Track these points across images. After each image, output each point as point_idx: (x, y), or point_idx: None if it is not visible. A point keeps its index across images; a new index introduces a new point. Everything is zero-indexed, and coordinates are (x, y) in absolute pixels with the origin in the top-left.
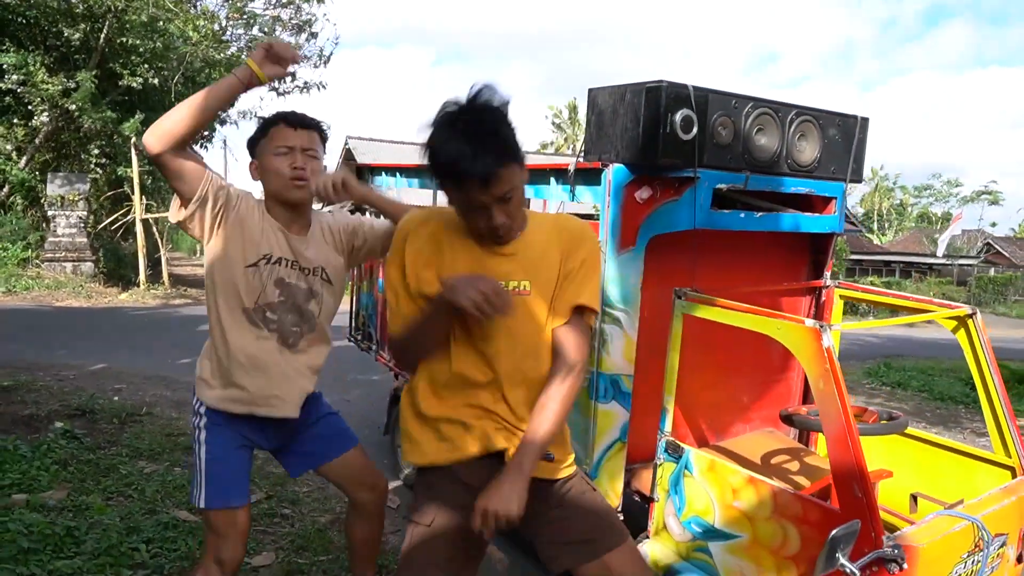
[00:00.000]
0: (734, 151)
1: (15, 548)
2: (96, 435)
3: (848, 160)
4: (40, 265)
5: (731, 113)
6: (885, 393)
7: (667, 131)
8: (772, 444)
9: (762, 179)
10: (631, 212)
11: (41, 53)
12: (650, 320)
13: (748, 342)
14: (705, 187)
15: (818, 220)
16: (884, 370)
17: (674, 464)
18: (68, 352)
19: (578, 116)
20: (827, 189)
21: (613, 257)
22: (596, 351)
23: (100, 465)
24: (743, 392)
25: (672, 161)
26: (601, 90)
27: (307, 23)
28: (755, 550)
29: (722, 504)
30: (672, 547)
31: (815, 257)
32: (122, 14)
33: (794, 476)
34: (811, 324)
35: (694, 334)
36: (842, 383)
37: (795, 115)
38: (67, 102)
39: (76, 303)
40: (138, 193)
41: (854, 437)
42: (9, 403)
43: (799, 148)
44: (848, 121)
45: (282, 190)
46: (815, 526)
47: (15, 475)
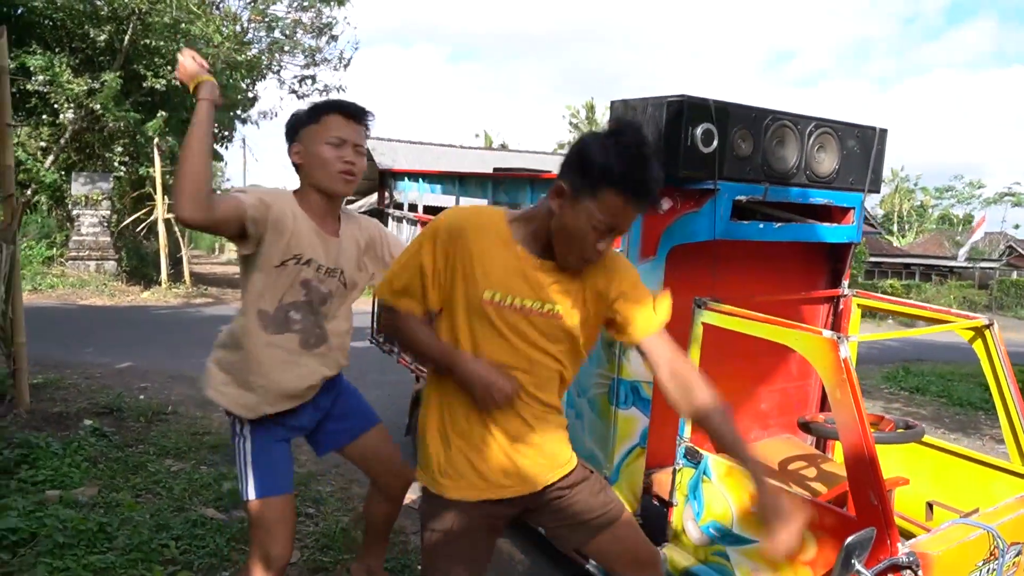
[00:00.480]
0: (753, 163)
1: (51, 543)
2: (124, 433)
3: (866, 171)
4: (65, 264)
5: (751, 126)
6: (903, 398)
7: (688, 144)
8: (789, 451)
9: (781, 190)
10: (652, 223)
11: (66, 55)
12: (670, 328)
13: (767, 350)
14: (725, 198)
15: (836, 230)
16: (903, 375)
17: (693, 469)
18: (94, 350)
19: (595, 116)
20: (845, 200)
21: (635, 266)
22: (617, 358)
23: (129, 463)
24: (761, 399)
25: (692, 173)
26: (623, 102)
27: (327, 26)
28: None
29: (740, 509)
30: (690, 551)
31: (833, 266)
32: (146, 16)
33: (811, 483)
34: (828, 335)
35: (713, 341)
36: (859, 393)
37: (814, 127)
38: (91, 102)
39: (100, 301)
40: (160, 193)
41: (870, 445)
42: (39, 400)
43: (818, 160)
44: (867, 132)
45: (329, 182)
46: (831, 532)
47: (48, 471)
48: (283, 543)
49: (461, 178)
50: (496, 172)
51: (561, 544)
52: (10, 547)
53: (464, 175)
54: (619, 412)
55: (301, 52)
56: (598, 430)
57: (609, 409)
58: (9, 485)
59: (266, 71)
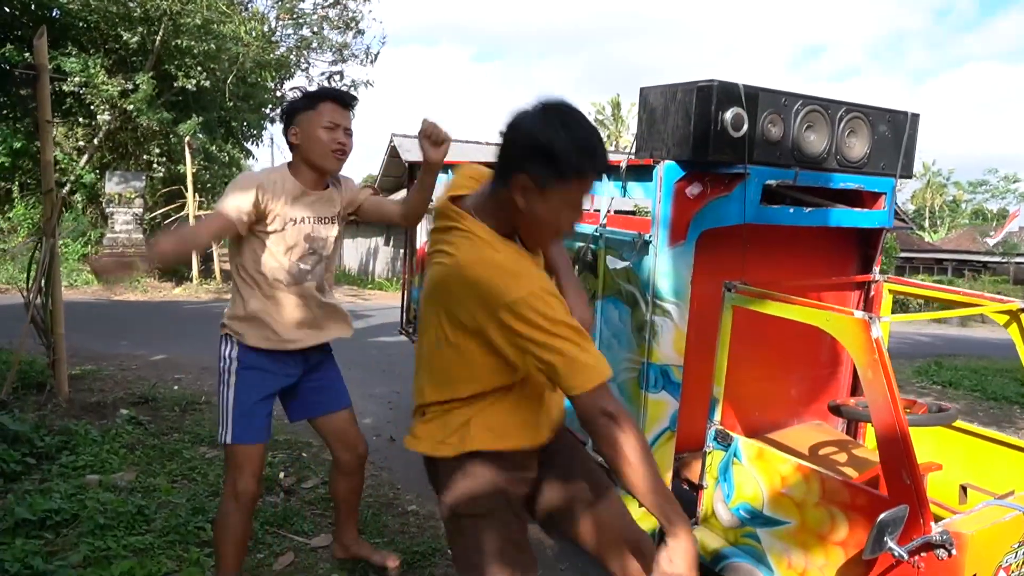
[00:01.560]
0: (783, 147)
1: (92, 524)
2: (159, 422)
3: (898, 156)
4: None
5: (781, 110)
6: (936, 392)
7: (718, 128)
8: (820, 436)
9: (811, 175)
10: (682, 207)
11: (101, 56)
12: (700, 312)
13: (798, 336)
14: (755, 183)
15: (867, 215)
16: (935, 369)
17: (723, 452)
18: (129, 343)
19: (621, 112)
20: (876, 185)
21: (664, 251)
22: (647, 342)
23: (164, 450)
24: (792, 385)
25: (723, 158)
26: (652, 89)
27: (354, 20)
28: (803, 536)
29: (771, 491)
30: (720, 533)
31: (864, 252)
32: (177, 17)
33: (842, 467)
34: (860, 315)
35: (744, 328)
36: (891, 372)
37: (845, 112)
38: (125, 103)
39: (133, 297)
40: (191, 190)
41: (902, 424)
42: (78, 390)
43: (849, 144)
44: (898, 117)
45: (323, 160)
46: (863, 512)
47: (87, 457)
48: (250, 480)
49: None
50: None
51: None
52: (53, 527)
53: (492, 165)
54: (649, 396)
55: (329, 48)
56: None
57: (639, 393)
58: (51, 470)
59: (294, 69)
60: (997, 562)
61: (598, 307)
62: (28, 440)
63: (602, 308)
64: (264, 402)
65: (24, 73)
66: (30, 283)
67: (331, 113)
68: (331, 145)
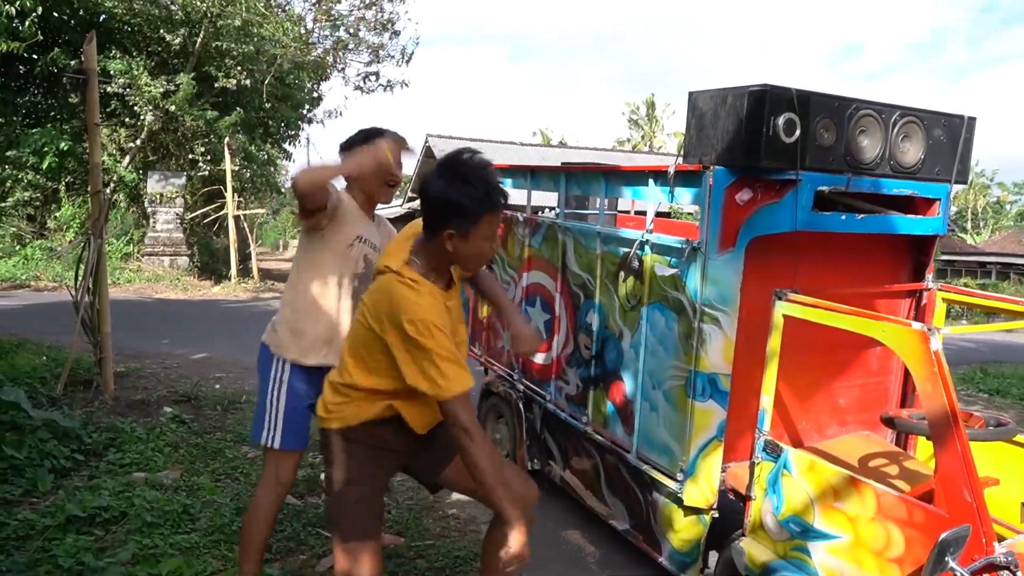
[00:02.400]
0: (836, 153)
1: (140, 521)
2: (202, 420)
3: (953, 161)
4: (140, 259)
5: (834, 115)
6: (983, 400)
7: (770, 134)
8: (869, 447)
9: (864, 181)
10: (732, 214)
11: (143, 58)
12: (748, 320)
13: (844, 345)
14: (807, 189)
15: (921, 222)
16: (980, 377)
17: (772, 463)
18: (170, 342)
19: (655, 112)
20: (931, 191)
21: (713, 258)
22: (695, 350)
23: (207, 449)
24: (839, 395)
25: (774, 164)
26: (702, 93)
27: (389, 21)
28: (856, 551)
29: (822, 504)
30: (769, 545)
31: (916, 259)
32: (217, 19)
33: (893, 480)
34: (919, 327)
35: (791, 336)
36: (951, 386)
37: (899, 116)
38: (167, 103)
39: (173, 295)
40: (230, 190)
41: (963, 441)
42: (122, 388)
43: (903, 149)
44: (954, 121)
45: (377, 192)
46: (921, 529)
47: (133, 455)
48: (292, 473)
49: (533, 172)
50: (565, 166)
51: None
52: (103, 524)
53: (536, 169)
54: (696, 404)
55: (365, 48)
56: (674, 422)
57: (686, 401)
58: (99, 466)
59: (331, 71)
60: None
61: (643, 314)
62: (77, 436)
63: (647, 315)
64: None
65: (74, 77)
66: (78, 282)
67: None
68: (385, 177)
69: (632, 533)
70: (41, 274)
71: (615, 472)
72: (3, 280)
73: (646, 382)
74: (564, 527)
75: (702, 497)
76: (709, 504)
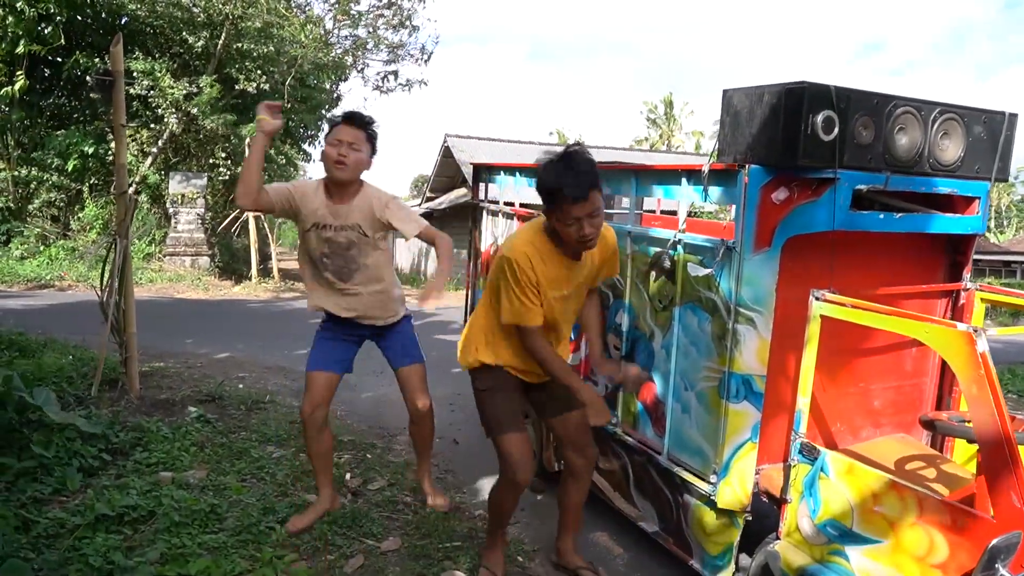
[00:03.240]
0: (874, 151)
1: (168, 521)
2: (226, 420)
3: (993, 158)
4: (162, 259)
5: (873, 113)
6: (1011, 401)
7: (808, 132)
8: (906, 450)
9: (903, 179)
10: (767, 213)
11: (166, 60)
12: (783, 320)
13: (880, 346)
14: (845, 188)
15: (960, 221)
16: (1008, 377)
17: (809, 466)
18: (193, 342)
19: (673, 111)
20: (970, 189)
21: (748, 258)
22: (729, 351)
23: (233, 448)
24: (874, 396)
25: (812, 162)
26: (736, 91)
27: (408, 18)
28: (897, 556)
29: (861, 508)
30: (806, 549)
31: (953, 259)
32: (239, 21)
33: (931, 483)
34: (964, 328)
35: (826, 336)
36: (998, 388)
37: (938, 113)
38: (189, 105)
39: (195, 295)
40: None
41: (1012, 444)
42: (147, 387)
43: (942, 147)
44: (995, 118)
45: (327, 170)
46: (966, 535)
47: (160, 454)
48: (312, 401)
49: None
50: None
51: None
52: (131, 523)
53: None
54: (730, 406)
55: (384, 47)
56: (707, 424)
57: (719, 403)
58: (126, 466)
59: (350, 71)
60: None
61: (675, 314)
62: (104, 436)
63: (680, 315)
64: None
65: (101, 79)
66: (104, 283)
67: (337, 132)
68: (333, 157)
69: (662, 535)
70: (65, 274)
71: (645, 474)
72: (28, 280)
73: (678, 383)
74: (592, 529)
75: (736, 499)
76: (743, 506)
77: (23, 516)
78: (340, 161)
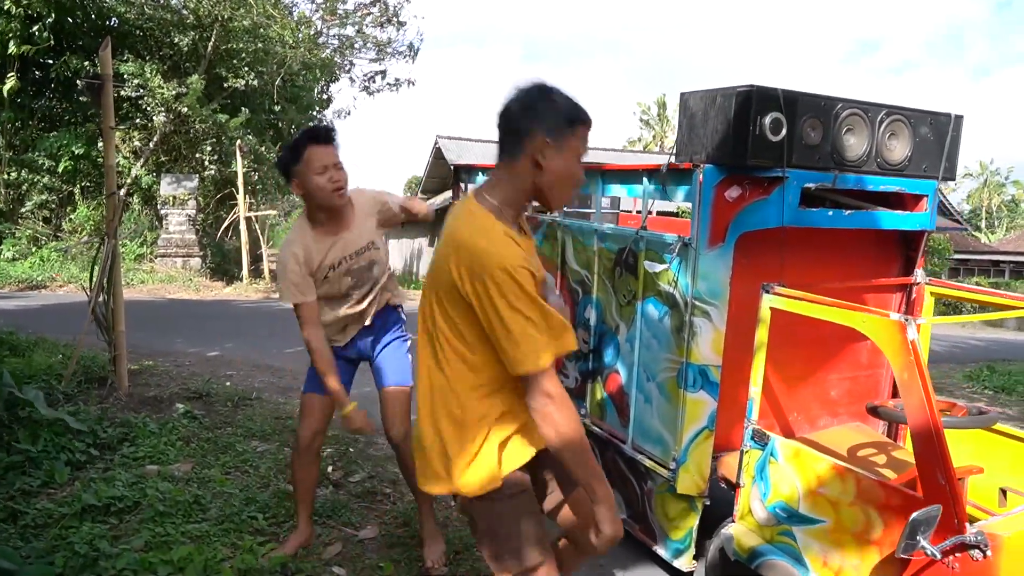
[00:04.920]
0: (823, 151)
1: (152, 511)
2: (213, 416)
3: (940, 158)
4: (154, 260)
5: (820, 114)
6: (987, 397)
7: (757, 133)
8: (859, 438)
9: (851, 178)
10: (721, 210)
11: (156, 61)
12: (738, 314)
13: (836, 338)
14: (794, 186)
15: (908, 218)
16: (987, 374)
17: (760, 451)
18: (183, 341)
19: (667, 112)
20: (918, 187)
21: (703, 254)
22: (686, 342)
23: (218, 443)
24: (831, 387)
25: (761, 161)
26: (693, 94)
27: (395, 14)
28: (838, 534)
29: (807, 490)
30: (756, 531)
31: (906, 255)
32: (228, 22)
33: (881, 468)
34: (896, 317)
35: (785, 329)
36: (926, 374)
37: (885, 115)
38: (179, 105)
39: (186, 296)
40: (242, 192)
41: (937, 424)
42: (136, 385)
43: (889, 147)
44: (940, 119)
45: (328, 201)
46: (898, 512)
47: (146, 448)
48: (305, 426)
49: None
50: None
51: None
52: (117, 513)
53: None
54: (688, 395)
55: (372, 45)
56: (667, 413)
57: (678, 393)
58: (113, 459)
59: (339, 72)
60: None
61: (638, 308)
62: (92, 431)
63: (642, 309)
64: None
65: (90, 82)
66: (92, 282)
67: (317, 157)
68: (328, 187)
69: (629, 523)
70: (56, 275)
71: (612, 463)
72: (20, 281)
73: (641, 375)
74: None
75: (694, 485)
76: (701, 492)
77: (12, 507)
78: (338, 188)
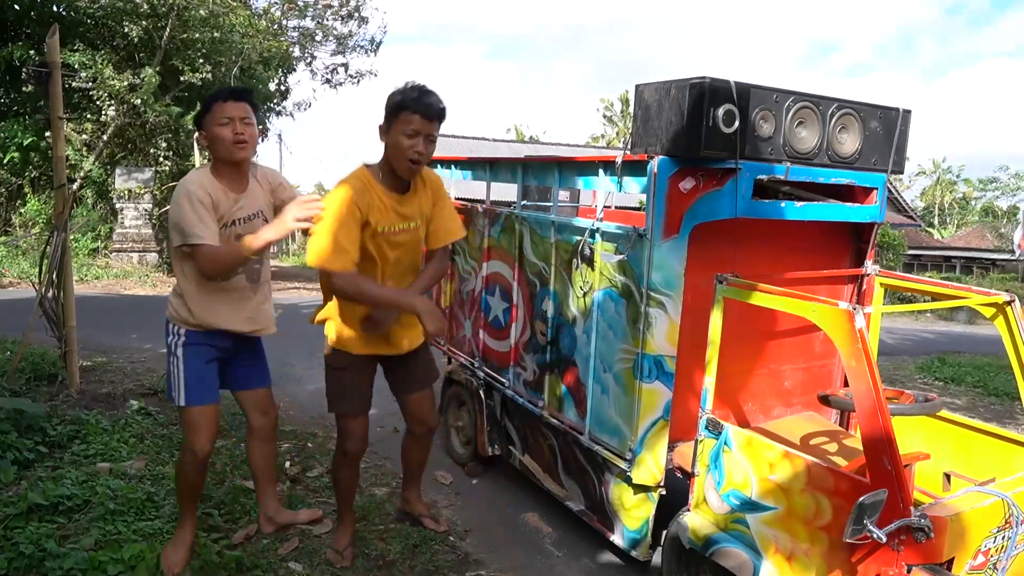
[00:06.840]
0: (775, 143)
1: (103, 509)
2: (167, 412)
3: (890, 152)
4: (109, 255)
5: (772, 107)
6: (938, 388)
7: (710, 124)
8: (812, 427)
9: (803, 170)
10: (675, 202)
11: (108, 52)
12: (693, 304)
13: (790, 329)
14: (746, 178)
15: (858, 210)
16: (938, 365)
17: (714, 440)
18: (138, 337)
19: (630, 109)
20: (868, 180)
21: (658, 244)
22: (641, 333)
23: (173, 440)
24: (785, 377)
25: (714, 153)
26: (647, 86)
27: (356, 9)
28: (789, 521)
29: (759, 478)
30: (711, 519)
31: (857, 246)
32: (184, 11)
33: (832, 456)
34: (844, 306)
35: (740, 320)
36: (873, 362)
37: (836, 108)
38: (132, 97)
39: (142, 291)
40: None
41: (884, 411)
42: (89, 382)
43: (840, 140)
44: (889, 114)
45: (228, 154)
46: (847, 498)
47: (98, 446)
48: (205, 439)
49: (492, 164)
50: (525, 158)
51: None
52: (66, 512)
53: (494, 161)
54: (643, 386)
55: (333, 38)
56: (623, 404)
57: (633, 383)
58: (63, 458)
59: (297, 63)
60: (976, 546)
61: (594, 299)
62: (41, 429)
63: (598, 300)
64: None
65: (36, 71)
66: (42, 276)
67: (224, 110)
68: (230, 138)
69: (586, 513)
70: (6, 271)
71: (570, 454)
72: None
73: (597, 365)
74: (523, 510)
75: (650, 475)
76: (656, 482)
77: None
78: (240, 141)
